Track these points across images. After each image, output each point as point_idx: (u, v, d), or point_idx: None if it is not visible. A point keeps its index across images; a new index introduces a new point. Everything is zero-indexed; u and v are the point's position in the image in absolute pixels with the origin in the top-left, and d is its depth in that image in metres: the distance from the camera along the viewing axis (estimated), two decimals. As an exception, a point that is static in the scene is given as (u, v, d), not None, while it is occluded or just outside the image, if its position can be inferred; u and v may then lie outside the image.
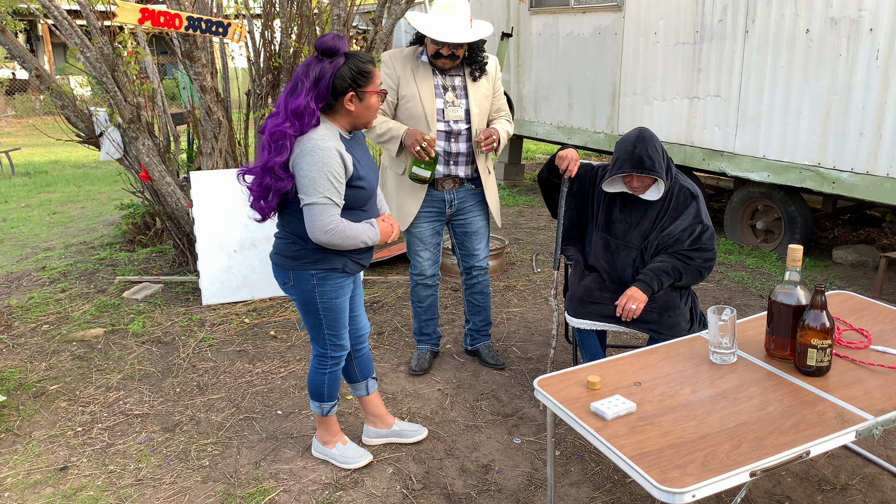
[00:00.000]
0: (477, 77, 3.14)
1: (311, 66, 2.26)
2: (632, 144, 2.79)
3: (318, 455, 2.85)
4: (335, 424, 2.82)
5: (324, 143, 2.26)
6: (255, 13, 5.53)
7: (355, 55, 2.32)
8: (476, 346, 3.66)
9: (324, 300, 2.50)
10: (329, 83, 2.26)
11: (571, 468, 2.78)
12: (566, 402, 2.04)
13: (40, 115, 17.21)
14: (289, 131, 2.25)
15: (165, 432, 3.10)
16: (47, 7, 4.41)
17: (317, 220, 2.28)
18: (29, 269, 5.45)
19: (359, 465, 2.78)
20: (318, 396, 2.73)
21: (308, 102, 2.24)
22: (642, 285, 2.81)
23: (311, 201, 2.27)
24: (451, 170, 3.21)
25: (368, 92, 2.34)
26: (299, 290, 2.49)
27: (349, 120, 2.38)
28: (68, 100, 4.74)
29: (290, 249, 2.45)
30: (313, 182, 2.25)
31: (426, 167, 3.01)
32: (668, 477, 1.68)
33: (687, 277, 2.84)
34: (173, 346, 3.97)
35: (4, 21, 16.52)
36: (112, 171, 9.77)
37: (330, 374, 2.68)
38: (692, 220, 2.87)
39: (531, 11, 7.23)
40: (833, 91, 4.63)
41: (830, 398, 2.00)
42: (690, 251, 2.84)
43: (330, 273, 2.47)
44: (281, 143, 2.26)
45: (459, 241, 3.42)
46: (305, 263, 2.44)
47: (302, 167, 2.26)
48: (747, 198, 5.60)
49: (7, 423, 3.20)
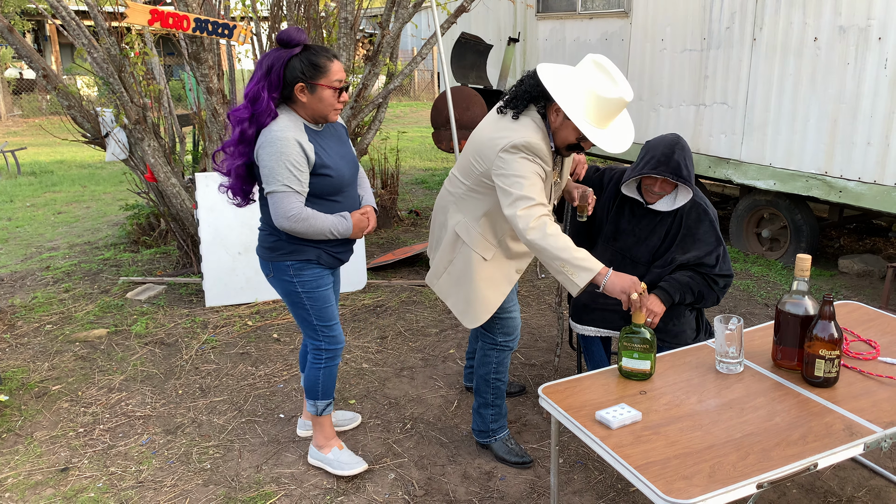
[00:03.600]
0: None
1: (267, 56, 2.34)
2: (670, 149, 2.66)
3: (314, 462, 2.82)
4: (330, 427, 2.80)
5: (282, 133, 2.32)
6: (262, 16, 5.54)
7: (313, 48, 2.36)
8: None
9: (306, 290, 2.54)
10: (280, 73, 2.32)
11: (575, 476, 2.76)
12: (571, 411, 2.03)
13: (47, 115, 17.26)
14: (242, 114, 2.34)
15: (167, 434, 3.09)
16: (55, 7, 4.42)
17: (278, 206, 2.35)
18: (33, 268, 5.45)
19: (354, 472, 2.72)
20: (312, 394, 2.71)
21: (259, 90, 2.32)
22: (663, 294, 2.72)
23: (271, 189, 2.35)
24: None
25: (320, 85, 2.36)
26: (280, 282, 2.54)
27: (305, 111, 2.42)
28: (75, 100, 4.75)
29: (268, 241, 2.52)
30: (272, 171, 2.33)
31: (640, 356, 2.17)
32: (674, 488, 1.66)
33: (707, 300, 2.79)
34: (176, 348, 3.96)
35: (12, 21, 16.59)
36: (117, 172, 9.79)
37: (325, 370, 2.66)
38: (715, 241, 2.78)
39: (538, 17, 7.23)
40: (841, 99, 4.61)
41: (838, 410, 1.98)
42: (718, 276, 2.76)
43: (305, 264, 2.51)
44: (234, 126, 2.38)
45: None
46: (282, 254, 2.50)
47: (262, 158, 2.34)
48: (753, 206, 5.58)
49: (9, 423, 3.19)
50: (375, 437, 3.05)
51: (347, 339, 4.05)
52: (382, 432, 3.09)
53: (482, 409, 2.86)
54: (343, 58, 5.03)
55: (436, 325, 4.23)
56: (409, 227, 6.52)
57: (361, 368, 3.69)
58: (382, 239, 6.14)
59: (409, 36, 20.43)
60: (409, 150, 11.21)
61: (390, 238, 6.17)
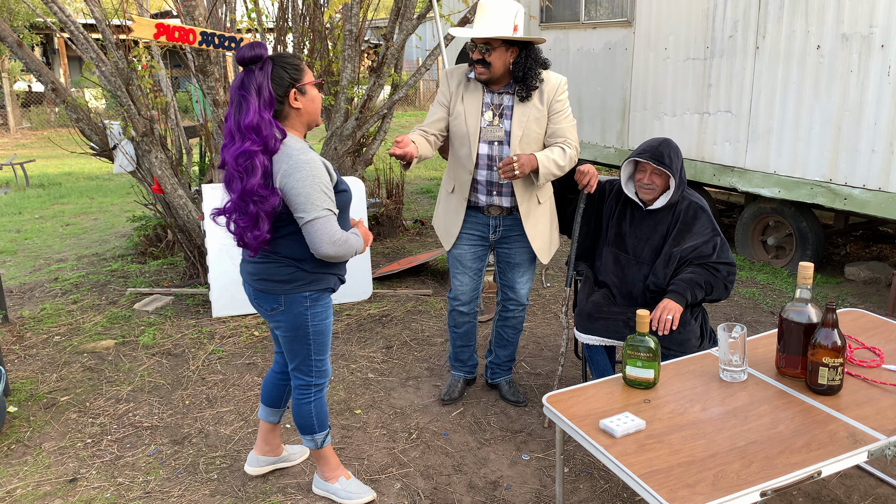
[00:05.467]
0: (524, 97, 2.90)
1: (244, 80, 2.19)
2: (657, 142, 2.87)
3: (320, 492, 2.72)
4: (334, 457, 2.71)
5: (305, 155, 2.21)
6: (267, 28, 5.59)
7: (279, 55, 2.26)
8: (497, 380, 3.49)
9: (315, 322, 2.43)
10: (269, 88, 2.18)
11: (580, 485, 2.76)
12: (575, 419, 2.04)
13: (55, 128, 17.40)
14: (253, 148, 2.16)
15: (174, 445, 3.11)
16: (64, 21, 4.48)
17: (323, 233, 2.21)
18: (42, 280, 5.50)
19: (363, 501, 2.67)
20: (308, 429, 2.59)
21: (260, 114, 2.16)
22: (676, 296, 2.76)
23: (312, 217, 2.20)
24: (493, 200, 3.03)
25: (307, 84, 2.29)
26: (290, 315, 2.40)
27: (300, 121, 2.31)
28: (83, 113, 4.80)
29: (282, 273, 2.35)
30: (310, 198, 2.19)
31: (644, 365, 2.21)
32: (678, 496, 1.67)
33: (716, 291, 2.83)
34: (183, 359, 3.98)
35: (21, 35, 16.76)
36: (125, 184, 9.86)
37: (316, 403, 2.57)
38: (711, 233, 2.88)
39: (541, 26, 7.27)
40: (844, 107, 4.62)
41: (842, 417, 1.98)
42: (718, 263, 2.83)
43: (322, 294, 2.42)
44: (249, 164, 2.16)
45: (501, 271, 3.24)
46: (300, 286, 2.36)
47: (293, 185, 2.18)
48: (758, 213, 5.58)
49: (18, 434, 3.22)
50: (381, 446, 3.06)
51: (353, 349, 4.06)
52: (388, 442, 3.09)
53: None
54: (348, 69, 5.07)
55: (441, 335, 4.24)
56: (415, 237, 6.54)
57: (367, 378, 3.70)
58: (388, 248, 6.16)
59: (413, 47, 20.54)
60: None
61: (396, 248, 6.19)
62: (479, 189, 3.03)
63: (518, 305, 3.28)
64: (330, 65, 5.48)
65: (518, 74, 2.88)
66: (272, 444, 2.84)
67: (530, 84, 2.89)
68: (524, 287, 3.23)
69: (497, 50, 2.85)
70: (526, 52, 2.87)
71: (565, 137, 2.94)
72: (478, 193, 3.04)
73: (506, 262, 3.19)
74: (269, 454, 2.84)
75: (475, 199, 3.06)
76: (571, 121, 2.98)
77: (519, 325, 3.35)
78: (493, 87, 2.97)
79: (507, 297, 3.28)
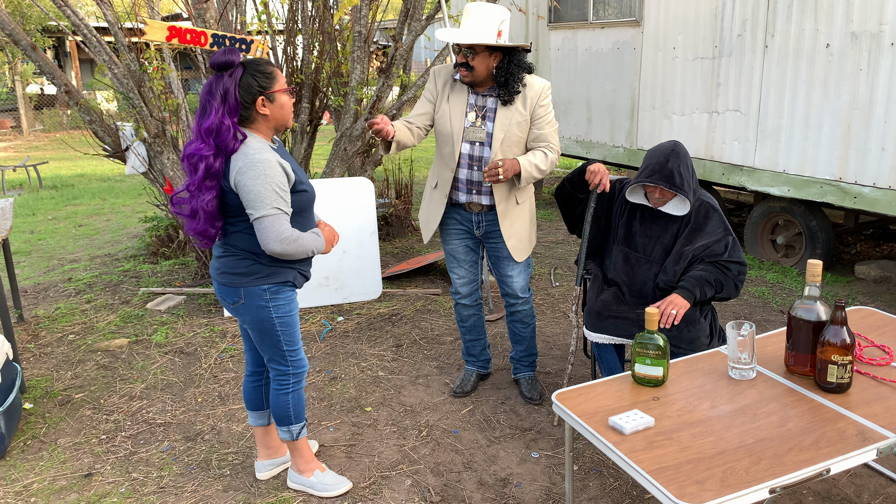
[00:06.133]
0: (506, 101, 2.97)
1: (213, 85, 2.26)
2: (665, 157, 2.78)
3: (295, 486, 2.76)
4: (308, 449, 2.75)
5: (261, 155, 2.26)
6: (277, 30, 5.62)
7: (252, 62, 2.31)
8: (517, 376, 3.53)
9: (279, 314, 2.47)
10: (236, 95, 2.26)
11: (590, 483, 2.77)
12: (584, 417, 2.05)
13: (67, 130, 17.54)
14: (204, 152, 2.24)
15: (187, 441, 3.14)
16: (77, 25, 4.53)
17: (270, 231, 2.27)
18: (56, 280, 5.56)
19: (339, 493, 2.70)
20: (284, 420, 2.63)
21: (221, 119, 2.23)
22: (685, 292, 2.77)
23: (260, 214, 2.26)
24: (472, 198, 3.12)
25: (277, 92, 2.34)
26: (251, 308, 2.44)
27: (267, 125, 2.37)
28: (96, 115, 4.85)
29: (240, 266, 2.41)
30: (260, 195, 2.25)
31: (654, 362, 2.21)
32: (687, 492, 1.68)
33: (726, 290, 2.83)
34: (195, 357, 4.02)
35: (34, 38, 16.90)
36: (136, 185, 9.93)
37: (294, 394, 2.61)
38: (723, 232, 2.87)
39: (550, 27, 7.28)
40: (854, 105, 4.61)
41: (851, 415, 1.99)
42: (729, 262, 2.83)
43: (281, 287, 2.46)
44: (195, 165, 2.25)
45: (493, 266, 3.31)
46: (258, 278, 2.41)
47: (245, 183, 2.25)
48: (767, 212, 5.57)
49: (33, 431, 3.26)
50: (391, 443, 3.09)
51: (363, 348, 4.09)
52: (399, 439, 3.12)
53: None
54: (357, 70, 5.10)
55: (450, 334, 4.26)
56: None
57: (377, 376, 3.73)
58: (397, 248, 6.19)
59: (422, 48, 20.56)
60: (423, 160, 11.28)
61: (404, 247, 6.22)
62: (459, 187, 3.12)
63: (516, 299, 3.32)
64: (339, 66, 5.51)
65: (500, 79, 2.95)
66: (272, 446, 2.87)
67: (512, 89, 2.96)
68: (517, 280, 3.27)
69: (480, 55, 2.92)
70: (509, 58, 2.94)
71: (548, 142, 3.03)
72: (458, 191, 3.13)
73: (495, 256, 3.27)
74: (272, 456, 2.87)
75: (456, 196, 3.15)
76: (554, 125, 3.07)
77: (527, 319, 3.38)
78: (478, 89, 3.05)
79: (504, 292, 3.34)
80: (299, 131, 5.45)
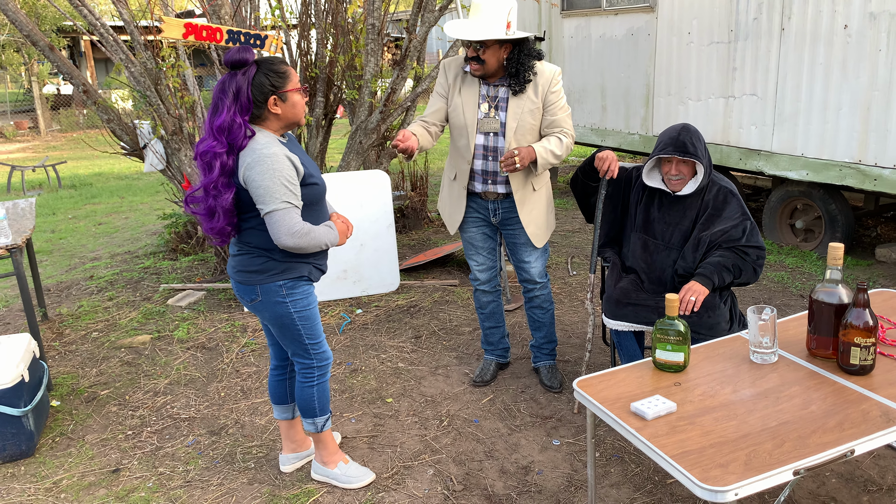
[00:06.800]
0: (517, 91, 2.99)
1: (226, 83, 2.28)
2: (676, 132, 2.83)
3: (319, 478, 2.79)
4: (333, 442, 2.78)
5: (268, 149, 2.27)
6: (291, 24, 5.64)
7: (266, 60, 2.32)
8: (538, 364, 3.54)
9: (297, 309, 2.49)
10: (248, 93, 2.27)
11: (611, 469, 2.78)
12: (606, 403, 2.06)
13: (84, 129, 17.71)
14: (217, 149, 2.25)
15: (212, 435, 3.19)
16: (93, 24, 4.57)
17: (281, 225, 2.28)
18: (77, 278, 5.63)
19: (363, 484, 2.74)
20: (309, 412, 2.67)
21: (232, 117, 2.25)
22: (703, 279, 2.76)
23: (271, 209, 2.27)
24: (489, 187, 3.14)
25: (289, 91, 2.35)
26: (269, 304, 2.46)
27: (279, 123, 2.38)
28: (114, 114, 4.90)
29: (254, 263, 2.43)
30: (269, 190, 2.26)
31: (674, 348, 2.22)
32: (711, 476, 1.69)
33: (745, 275, 2.81)
34: (217, 352, 4.07)
35: (50, 38, 17.06)
36: (154, 182, 10.02)
37: (319, 387, 2.64)
38: (740, 216, 2.86)
39: (563, 14, 7.24)
40: (873, 87, 4.55)
41: (875, 397, 1.98)
42: (747, 247, 2.82)
43: (297, 282, 2.48)
44: (210, 163, 2.27)
45: (510, 252, 3.34)
46: (272, 275, 2.43)
47: (254, 178, 2.26)
48: (786, 197, 5.52)
49: (61, 427, 3.32)
50: (413, 434, 3.11)
51: (383, 339, 4.12)
52: (420, 429, 3.14)
53: None
54: (371, 63, 5.10)
55: (469, 324, 4.28)
56: (440, 228, 6.58)
57: (398, 367, 3.75)
58: (413, 241, 6.21)
59: (435, 39, 20.53)
60: (438, 151, 11.28)
61: (421, 239, 6.23)
62: (476, 178, 3.15)
63: (534, 284, 3.34)
64: (353, 59, 5.52)
65: (511, 70, 2.98)
66: (296, 439, 2.90)
67: (523, 78, 2.98)
68: (535, 266, 3.30)
69: (491, 48, 2.94)
70: (519, 48, 2.96)
71: (562, 127, 3.05)
72: (475, 181, 3.17)
73: (512, 242, 3.29)
74: (296, 450, 2.90)
75: (472, 186, 3.18)
76: (567, 110, 3.08)
77: (545, 305, 3.41)
78: (489, 80, 3.06)
79: (522, 278, 3.37)
80: (314, 126, 5.47)
